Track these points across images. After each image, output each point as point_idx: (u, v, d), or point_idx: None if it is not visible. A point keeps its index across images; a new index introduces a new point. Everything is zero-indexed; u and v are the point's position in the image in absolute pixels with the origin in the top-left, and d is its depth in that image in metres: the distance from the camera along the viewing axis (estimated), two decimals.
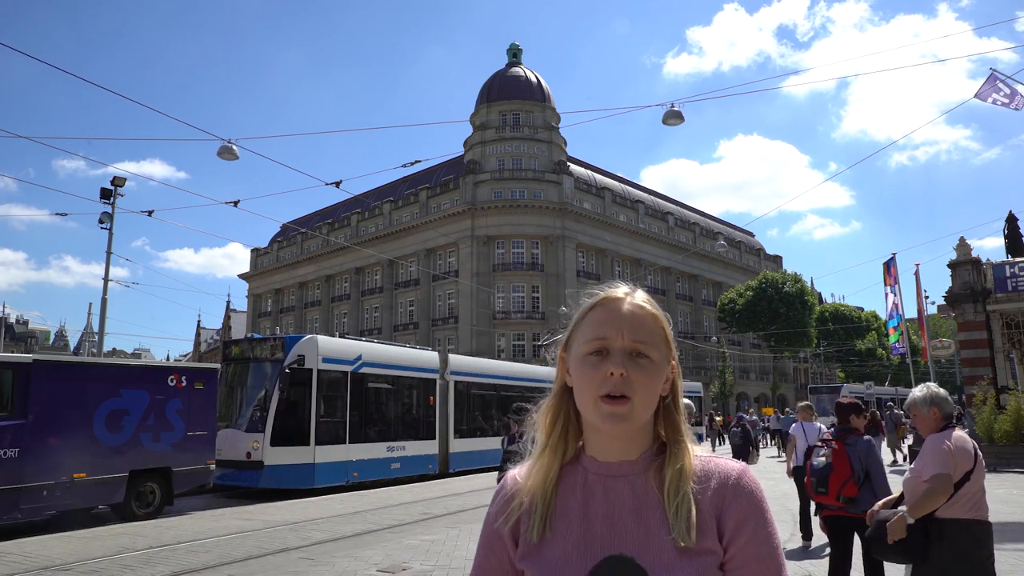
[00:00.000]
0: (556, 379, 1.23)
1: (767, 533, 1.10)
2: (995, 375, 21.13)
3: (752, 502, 1.11)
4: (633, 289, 1.21)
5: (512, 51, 63.51)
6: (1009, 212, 34.56)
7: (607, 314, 1.15)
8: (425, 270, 57.19)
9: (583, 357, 1.14)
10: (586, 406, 1.13)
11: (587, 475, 1.17)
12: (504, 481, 1.24)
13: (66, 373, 11.23)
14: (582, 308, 1.20)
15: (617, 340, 1.12)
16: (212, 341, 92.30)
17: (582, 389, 1.13)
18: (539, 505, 1.15)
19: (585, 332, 1.16)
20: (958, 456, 3.69)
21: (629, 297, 1.18)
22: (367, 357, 17.08)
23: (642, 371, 1.11)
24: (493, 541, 1.19)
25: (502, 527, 1.17)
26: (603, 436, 1.16)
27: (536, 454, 1.21)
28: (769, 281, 53.74)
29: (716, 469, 1.15)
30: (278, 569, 7.47)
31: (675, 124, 14.60)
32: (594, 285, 1.24)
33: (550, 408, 1.22)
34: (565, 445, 1.20)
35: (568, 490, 1.17)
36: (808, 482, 5.28)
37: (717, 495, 1.11)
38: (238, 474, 14.59)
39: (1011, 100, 11.01)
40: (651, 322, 1.16)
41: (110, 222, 21.02)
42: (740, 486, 1.12)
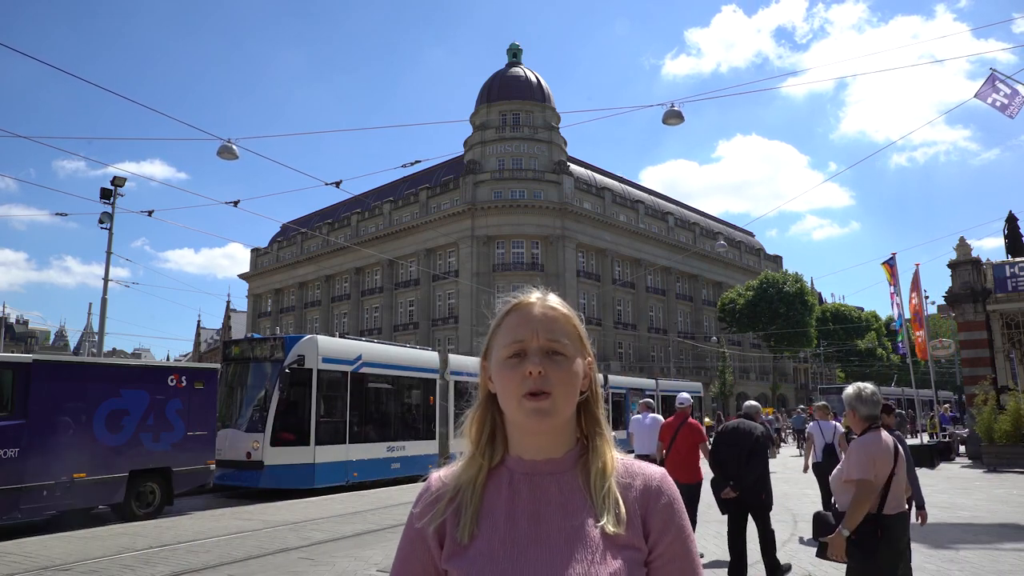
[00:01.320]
0: (480, 388, 1.26)
1: (687, 536, 1.17)
2: (995, 375, 21.13)
3: (676, 507, 1.18)
4: (545, 293, 1.26)
5: (512, 51, 63.53)
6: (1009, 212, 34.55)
7: (521, 318, 1.20)
8: (425, 270, 57.20)
9: (503, 361, 1.18)
10: (510, 406, 1.17)
11: (512, 475, 1.20)
12: (428, 482, 1.26)
13: (66, 373, 11.23)
14: (498, 316, 1.25)
15: (532, 341, 1.17)
16: (212, 341, 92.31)
17: (505, 391, 1.17)
18: (467, 506, 1.17)
19: (502, 337, 1.20)
20: (879, 461, 4.01)
21: (541, 300, 1.23)
22: (367, 357, 17.08)
23: (558, 367, 1.16)
24: (416, 542, 1.20)
25: (427, 527, 1.18)
26: (528, 435, 1.19)
27: (465, 459, 1.24)
28: (769, 281, 53.75)
29: (639, 471, 1.21)
30: (278, 569, 7.47)
31: (675, 124, 14.63)
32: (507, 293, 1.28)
33: (476, 417, 1.25)
34: (492, 449, 1.23)
35: (494, 490, 1.19)
36: None
37: (642, 496, 1.17)
38: (238, 474, 14.58)
39: (1010, 101, 10.98)
40: (563, 321, 1.21)
41: (110, 222, 21.03)
42: (663, 490, 1.19)
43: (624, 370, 49.81)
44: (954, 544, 8.58)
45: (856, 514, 3.96)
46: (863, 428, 4.24)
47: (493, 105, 59.12)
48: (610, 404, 28.93)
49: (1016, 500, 12.34)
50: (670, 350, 62.15)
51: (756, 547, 6.73)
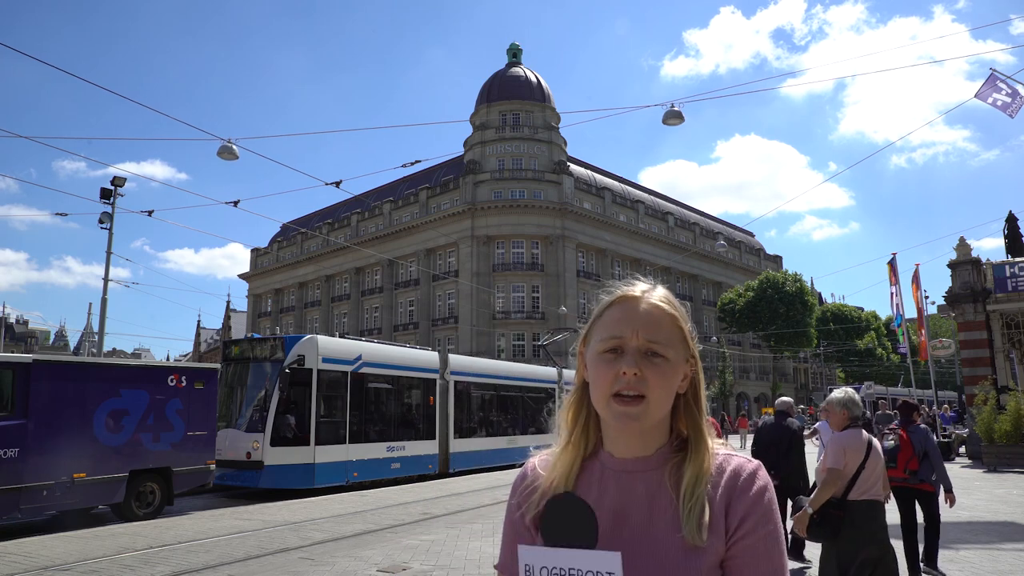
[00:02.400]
0: (576, 375, 1.24)
1: (768, 531, 1.09)
2: (995, 375, 21.13)
3: (758, 499, 1.11)
4: (652, 287, 1.20)
5: (512, 51, 63.50)
6: (1009, 212, 34.59)
7: (623, 313, 1.16)
8: (425, 270, 57.18)
9: (598, 355, 1.14)
10: (600, 403, 1.14)
11: (603, 470, 1.18)
12: (524, 470, 1.25)
13: (66, 373, 11.22)
14: (600, 306, 1.21)
15: (632, 339, 1.12)
16: (212, 341, 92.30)
17: (596, 386, 1.14)
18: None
19: (601, 330, 1.17)
20: (849, 452, 4.72)
21: (647, 295, 1.18)
22: (367, 357, 17.07)
23: (657, 370, 1.11)
24: (519, 527, 1.19)
25: (525, 516, 1.18)
26: (619, 433, 1.17)
27: (559, 447, 1.22)
28: (769, 281, 53.74)
29: (730, 466, 1.15)
30: (278, 569, 7.47)
31: (675, 124, 14.65)
32: (613, 282, 1.24)
33: (572, 403, 1.23)
34: (586, 439, 1.21)
35: (585, 484, 1.18)
36: None
37: (727, 492, 1.12)
38: (238, 474, 14.58)
39: (1012, 101, 10.97)
40: (668, 322, 1.15)
41: (110, 222, 21.03)
42: (749, 483, 1.12)
43: None
44: (954, 544, 8.58)
45: (820, 496, 4.66)
46: (844, 426, 4.93)
47: (493, 105, 59.09)
48: None
49: (1016, 500, 12.33)
50: None
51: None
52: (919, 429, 6.80)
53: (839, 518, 4.64)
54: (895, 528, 9.74)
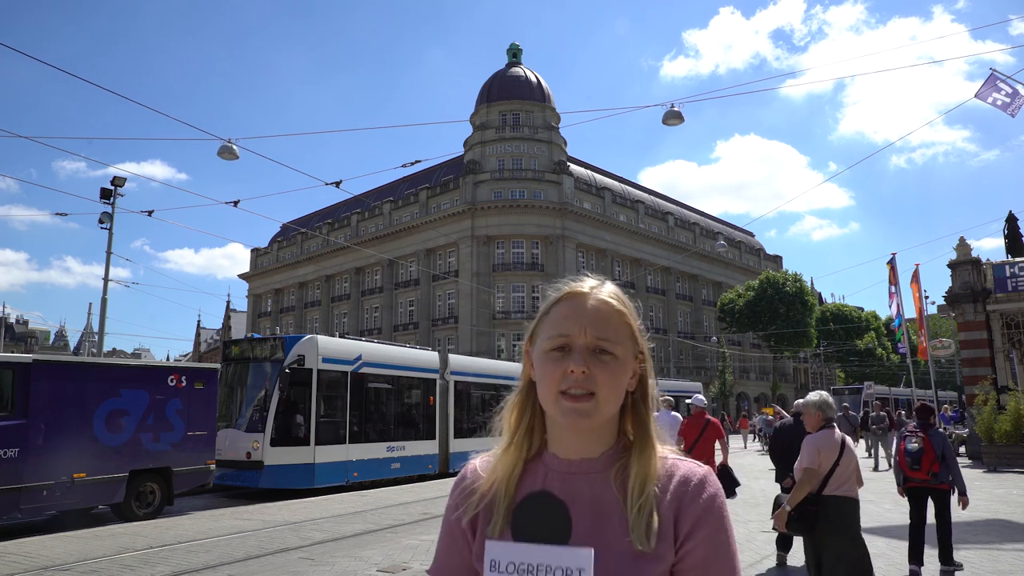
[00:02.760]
0: (522, 374, 1.21)
1: (720, 540, 1.07)
2: (995, 375, 21.13)
3: (709, 506, 1.08)
4: (601, 282, 1.18)
5: (512, 51, 63.50)
6: (1009, 212, 34.62)
7: (570, 310, 1.13)
8: (425, 270, 57.18)
9: (545, 353, 1.11)
10: (548, 402, 1.11)
11: (547, 471, 1.14)
12: (464, 471, 1.22)
13: (66, 373, 11.22)
14: (546, 302, 1.18)
15: (579, 337, 1.10)
16: (212, 341, 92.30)
17: (544, 385, 1.11)
18: (501, 501, 1.13)
19: (548, 327, 1.13)
20: (824, 452, 5.05)
21: (595, 292, 1.15)
22: (367, 357, 17.07)
23: (605, 368, 1.09)
24: (455, 532, 1.17)
25: (462, 519, 1.15)
26: (565, 432, 1.14)
27: (501, 448, 1.19)
28: (770, 281, 53.74)
29: (679, 472, 1.12)
30: (278, 569, 7.47)
31: (675, 124, 14.65)
32: (561, 279, 1.21)
33: (516, 403, 1.20)
34: (530, 441, 1.17)
35: (527, 486, 1.14)
36: (903, 461, 6.99)
37: (676, 498, 1.09)
38: (238, 474, 14.58)
39: (1012, 101, 10.98)
40: (616, 318, 1.13)
41: (110, 222, 21.02)
42: (699, 490, 1.09)
43: None
44: (954, 544, 8.57)
45: (797, 494, 5.03)
46: (819, 426, 5.27)
47: (493, 105, 59.10)
48: None
49: (1016, 500, 12.33)
50: (670, 350, 62.12)
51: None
52: (937, 432, 7.06)
53: (814, 513, 4.99)
54: (893, 527, 9.76)
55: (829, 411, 5.34)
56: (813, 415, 5.36)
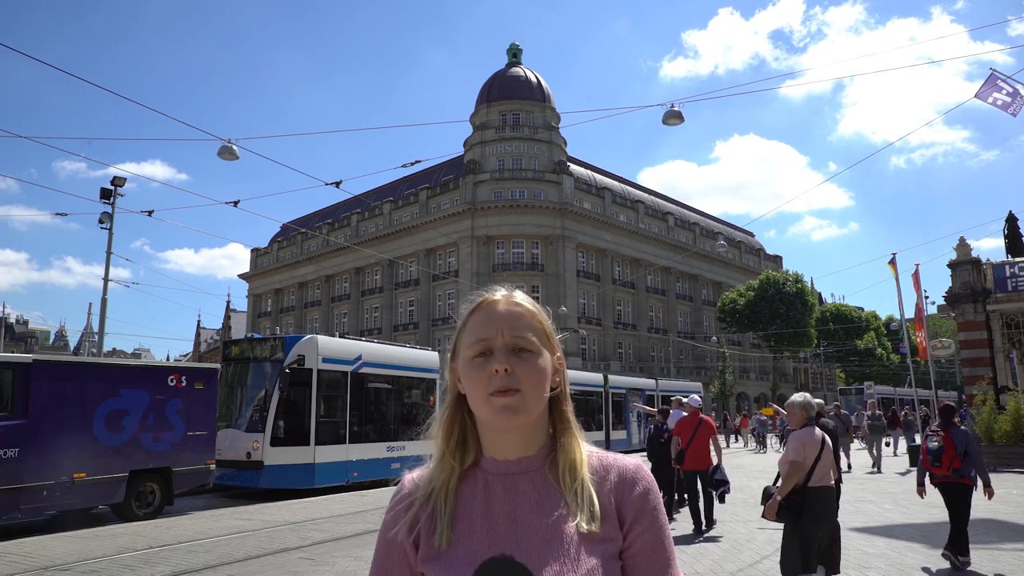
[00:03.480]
0: (449, 389, 1.25)
1: (661, 526, 1.16)
2: (995, 375, 21.13)
3: (649, 496, 1.17)
4: (511, 290, 1.24)
5: (512, 51, 63.50)
6: (1009, 212, 34.66)
7: (485, 316, 1.19)
8: (425, 270, 57.18)
9: (469, 361, 1.16)
10: (479, 406, 1.15)
11: (486, 476, 1.18)
12: (401, 484, 1.25)
13: (66, 373, 11.22)
14: (462, 315, 1.23)
15: (498, 339, 1.15)
16: (212, 341, 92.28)
17: (473, 390, 1.15)
18: (442, 511, 1.15)
19: (468, 337, 1.19)
20: (807, 447, 5.64)
21: (506, 298, 1.21)
22: (367, 357, 17.07)
23: (526, 364, 1.14)
24: (392, 547, 1.18)
25: (401, 532, 1.17)
26: (500, 435, 1.18)
27: (435, 460, 1.22)
28: (770, 281, 53.73)
29: (613, 462, 1.20)
30: (278, 569, 7.47)
31: (675, 124, 14.66)
32: (471, 293, 1.27)
33: (446, 418, 1.23)
34: (463, 452, 1.21)
35: (468, 492, 1.18)
36: (926, 460, 7.57)
37: (617, 487, 1.16)
38: (238, 474, 14.58)
39: (1012, 100, 10.98)
40: (528, 317, 1.19)
41: (110, 222, 21.02)
42: (638, 479, 1.17)
43: (624, 370, 49.78)
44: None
45: (786, 486, 5.59)
46: (802, 424, 5.85)
47: (493, 105, 59.10)
48: (610, 404, 28.92)
49: (1016, 500, 12.34)
50: (670, 350, 62.14)
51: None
52: (959, 431, 7.52)
53: (800, 503, 5.55)
54: (894, 527, 9.76)
55: (811, 410, 5.95)
56: (797, 414, 5.91)
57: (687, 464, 10.07)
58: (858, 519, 10.57)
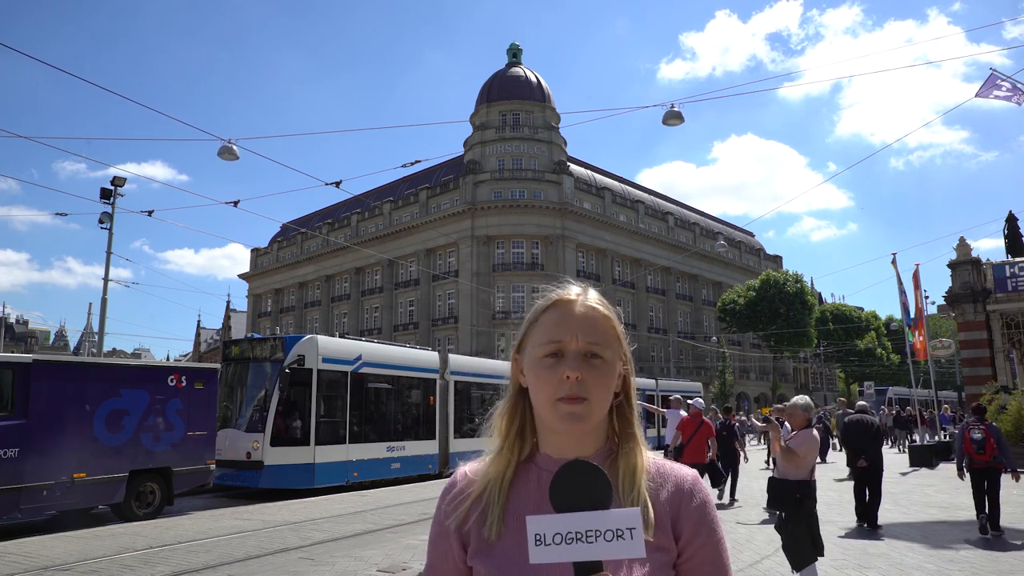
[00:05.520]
0: (511, 381, 1.24)
1: (718, 539, 1.14)
2: (995, 375, 21.13)
3: (707, 509, 1.15)
4: (585, 289, 1.21)
5: (512, 51, 63.48)
6: (1009, 212, 34.63)
7: (560, 316, 1.16)
8: (425, 270, 57.18)
9: (538, 360, 1.14)
10: (544, 408, 1.14)
11: (541, 472, 1.17)
12: (454, 477, 1.24)
13: (66, 373, 11.22)
14: (535, 310, 1.21)
15: (572, 343, 1.13)
16: (212, 341, 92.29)
17: (539, 391, 1.14)
18: (495, 503, 1.15)
19: (539, 335, 1.16)
20: (809, 446, 6.20)
21: (582, 298, 1.19)
22: (367, 357, 17.07)
23: (596, 372, 1.13)
24: (444, 539, 1.18)
25: (453, 524, 1.17)
26: (559, 435, 1.17)
27: (493, 453, 1.21)
28: (770, 281, 53.73)
29: (671, 472, 1.18)
30: (278, 569, 7.47)
31: (675, 124, 14.65)
32: (545, 287, 1.24)
33: (507, 410, 1.22)
34: (521, 444, 1.20)
35: (522, 487, 1.17)
36: (970, 448, 9.06)
37: (674, 497, 1.15)
38: (238, 474, 14.58)
39: (1014, 92, 11.02)
40: (603, 323, 1.17)
41: (110, 222, 21.01)
42: (695, 492, 1.16)
43: None
44: (954, 544, 8.59)
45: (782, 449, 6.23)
46: (804, 425, 6.34)
47: (493, 105, 59.09)
48: None
49: (1016, 500, 12.33)
50: (670, 350, 62.15)
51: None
52: (992, 425, 9.29)
53: (799, 500, 6.10)
54: (894, 527, 9.77)
55: (811, 412, 6.44)
56: (799, 415, 6.35)
57: (686, 458, 11.06)
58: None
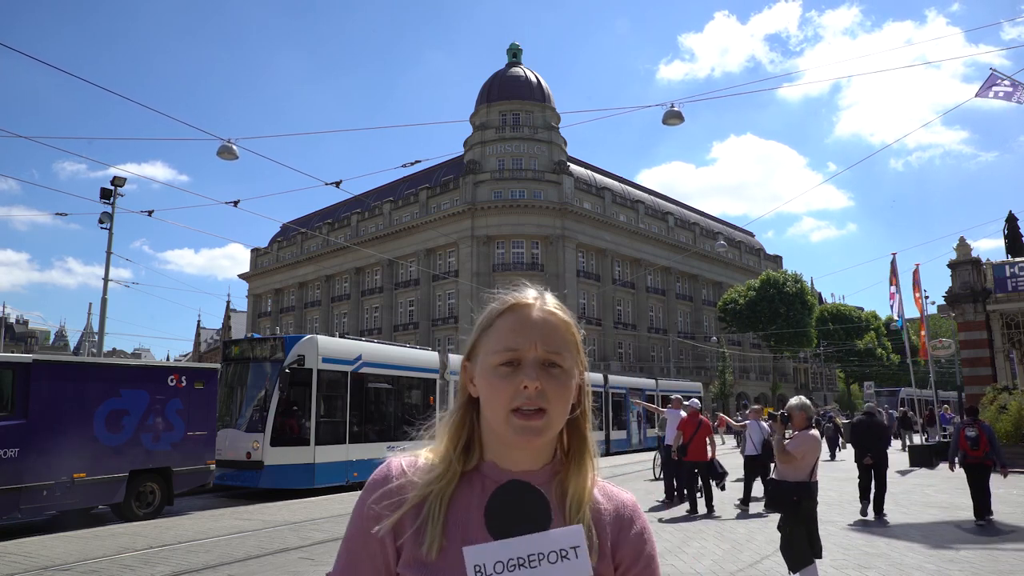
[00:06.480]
0: (460, 390, 1.16)
1: (654, 569, 1.12)
2: (995, 375, 21.13)
3: (646, 536, 1.12)
4: (542, 293, 1.14)
5: (512, 51, 63.49)
6: (1009, 212, 34.66)
7: (517, 322, 1.08)
8: (425, 270, 57.19)
9: (493, 368, 1.06)
10: (498, 419, 1.05)
11: (485, 481, 1.10)
12: (388, 469, 1.12)
13: (66, 373, 11.22)
14: (488, 314, 1.12)
15: (530, 351, 1.05)
16: (212, 341, 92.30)
17: (493, 402, 1.05)
18: (436, 518, 1.05)
19: (494, 342, 1.08)
20: (808, 445, 6.24)
21: (539, 302, 1.11)
22: (367, 357, 17.07)
23: (556, 382, 1.05)
24: (369, 540, 1.06)
25: (386, 528, 1.06)
26: (514, 448, 1.09)
27: (437, 461, 1.11)
28: (771, 281, 53.75)
29: (613, 495, 1.14)
30: (278, 569, 7.47)
31: (675, 124, 14.65)
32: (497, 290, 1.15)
33: (455, 422, 1.13)
34: (467, 454, 1.11)
35: (464, 497, 1.08)
36: (965, 444, 9.92)
37: (615, 523, 1.10)
38: (238, 474, 14.58)
39: (1014, 90, 11.03)
40: (563, 329, 1.10)
41: (110, 222, 21.01)
42: (635, 519, 1.13)
43: (624, 370, 49.80)
44: (954, 544, 8.59)
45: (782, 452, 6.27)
46: (804, 426, 6.41)
47: (493, 105, 59.11)
48: (610, 404, 28.94)
49: (1016, 500, 12.34)
50: (670, 350, 62.17)
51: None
52: (985, 424, 10.27)
53: (799, 501, 6.12)
54: (894, 527, 9.77)
55: (810, 412, 6.51)
56: (799, 415, 6.41)
57: (689, 456, 11.52)
58: (858, 518, 10.58)
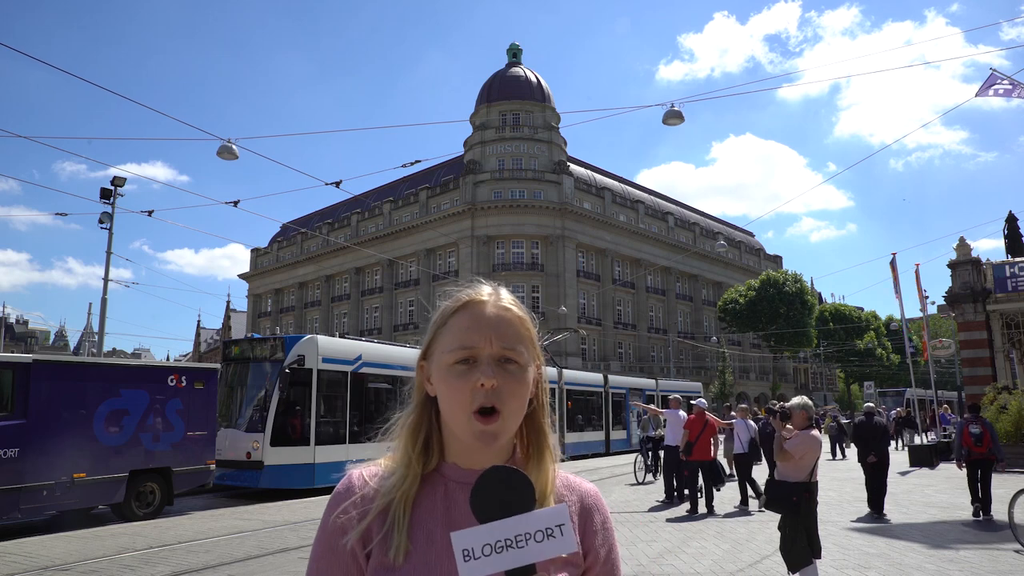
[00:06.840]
0: (416, 390, 1.16)
1: (615, 559, 1.13)
2: (995, 375, 21.13)
3: (608, 526, 1.14)
4: (497, 289, 1.13)
5: (512, 51, 63.48)
6: (1009, 212, 34.67)
7: (472, 319, 1.07)
8: (425, 270, 57.17)
9: (449, 367, 1.05)
10: (457, 421, 1.05)
11: (447, 483, 1.09)
12: (349, 481, 1.12)
13: (66, 373, 11.22)
14: (442, 312, 1.12)
15: (485, 347, 1.04)
16: (212, 341, 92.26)
17: (451, 402, 1.05)
18: (400, 522, 1.04)
19: (449, 340, 1.07)
20: (809, 445, 6.22)
21: (494, 298, 1.10)
22: (367, 357, 17.07)
23: (512, 378, 1.04)
24: (339, 554, 1.05)
25: (354, 539, 1.04)
26: (474, 449, 1.08)
27: (396, 465, 1.11)
28: (771, 281, 53.73)
29: (576, 485, 1.15)
30: (278, 569, 7.47)
31: (675, 124, 14.63)
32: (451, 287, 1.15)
33: (412, 423, 1.13)
34: (426, 457, 1.11)
35: (427, 499, 1.08)
36: (969, 441, 10.43)
37: (579, 513, 1.12)
38: (238, 474, 14.57)
39: (1014, 88, 11.05)
40: (518, 325, 1.09)
41: (110, 222, 21.00)
42: (598, 508, 1.14)
43: (624, 370, 49.80)
44: (954, 544, 8.59)
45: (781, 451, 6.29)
46: (804, 425, 6.39)
47: (493, 105, 59.08)
48: (610, 404, 28.93)
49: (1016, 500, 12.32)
50: (670, 350, 62.08)
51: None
52: (987, 421, 10.72)
53: (805, 499, 6.15)
54: (894, 527, 9.76)
55: (811, 411, 6.50)
56: (799, 415, 6.42)
57: (695, 455, 11.58)
58: (858, 518, 10.57)
